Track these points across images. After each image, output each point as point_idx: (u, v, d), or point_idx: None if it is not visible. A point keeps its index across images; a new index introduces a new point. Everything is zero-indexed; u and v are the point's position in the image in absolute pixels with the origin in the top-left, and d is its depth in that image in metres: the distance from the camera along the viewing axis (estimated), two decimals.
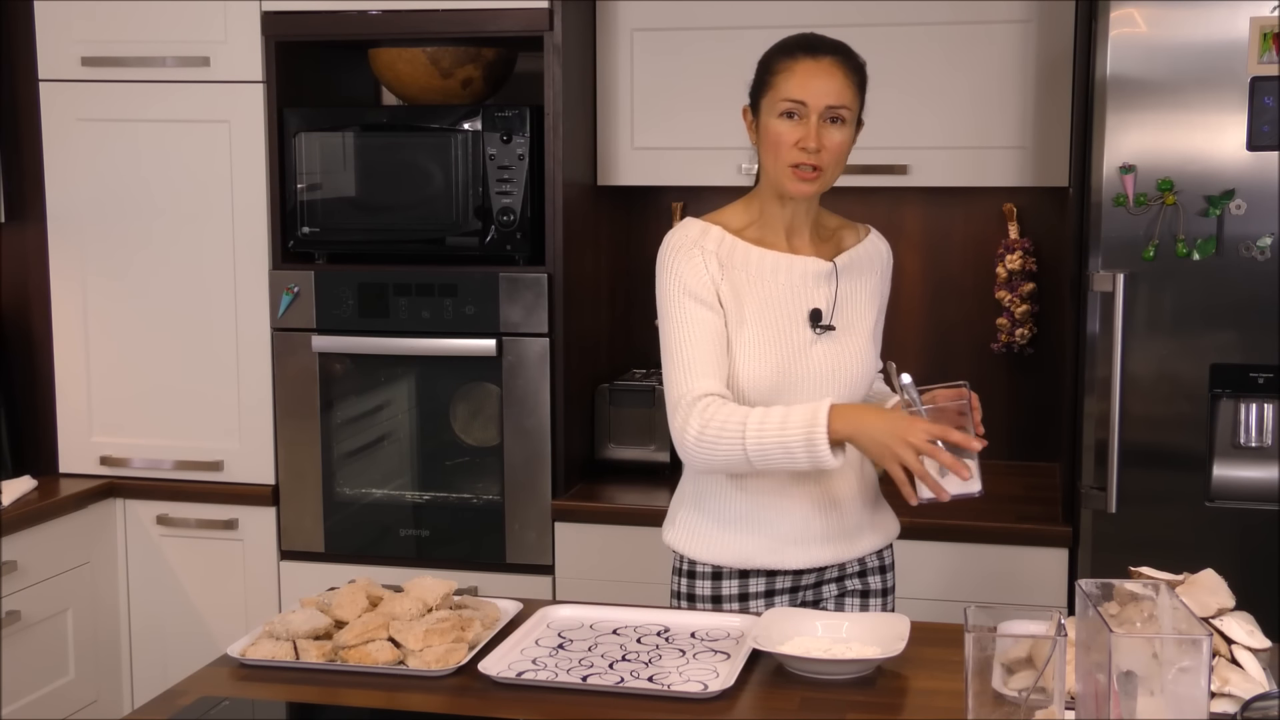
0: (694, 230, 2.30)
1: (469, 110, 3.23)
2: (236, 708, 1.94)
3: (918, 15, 3.22)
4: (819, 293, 2.30)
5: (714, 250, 2.27)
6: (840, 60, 2.24)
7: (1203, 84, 2.71)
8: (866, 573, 2.40)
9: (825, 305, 2.30)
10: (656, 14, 3.35)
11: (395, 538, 3.34)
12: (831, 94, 2.21)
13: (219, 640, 3.30)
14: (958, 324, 3.57)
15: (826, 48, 2.25)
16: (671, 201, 3.63)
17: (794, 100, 2.21)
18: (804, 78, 2.22)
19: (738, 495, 2.31)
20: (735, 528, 2.32)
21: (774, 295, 2.28)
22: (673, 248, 2.29)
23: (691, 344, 2.24)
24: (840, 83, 2.23)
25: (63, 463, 3.53)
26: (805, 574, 2.35)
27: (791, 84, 2.22)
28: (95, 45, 3.37)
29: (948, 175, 3.28)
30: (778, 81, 2.23)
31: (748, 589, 2.34)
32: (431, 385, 3.35)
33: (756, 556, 2.31)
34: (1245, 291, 2.73)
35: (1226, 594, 1.89)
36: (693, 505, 2.38)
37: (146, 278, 3.43)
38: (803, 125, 2.22)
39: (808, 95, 2.21)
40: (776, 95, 2.23)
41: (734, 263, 2.27)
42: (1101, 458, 2.81)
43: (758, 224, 2.33)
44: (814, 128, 2.21)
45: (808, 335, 2.28)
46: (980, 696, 1.64)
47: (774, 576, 2.34)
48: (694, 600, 2.36)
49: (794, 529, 2.31)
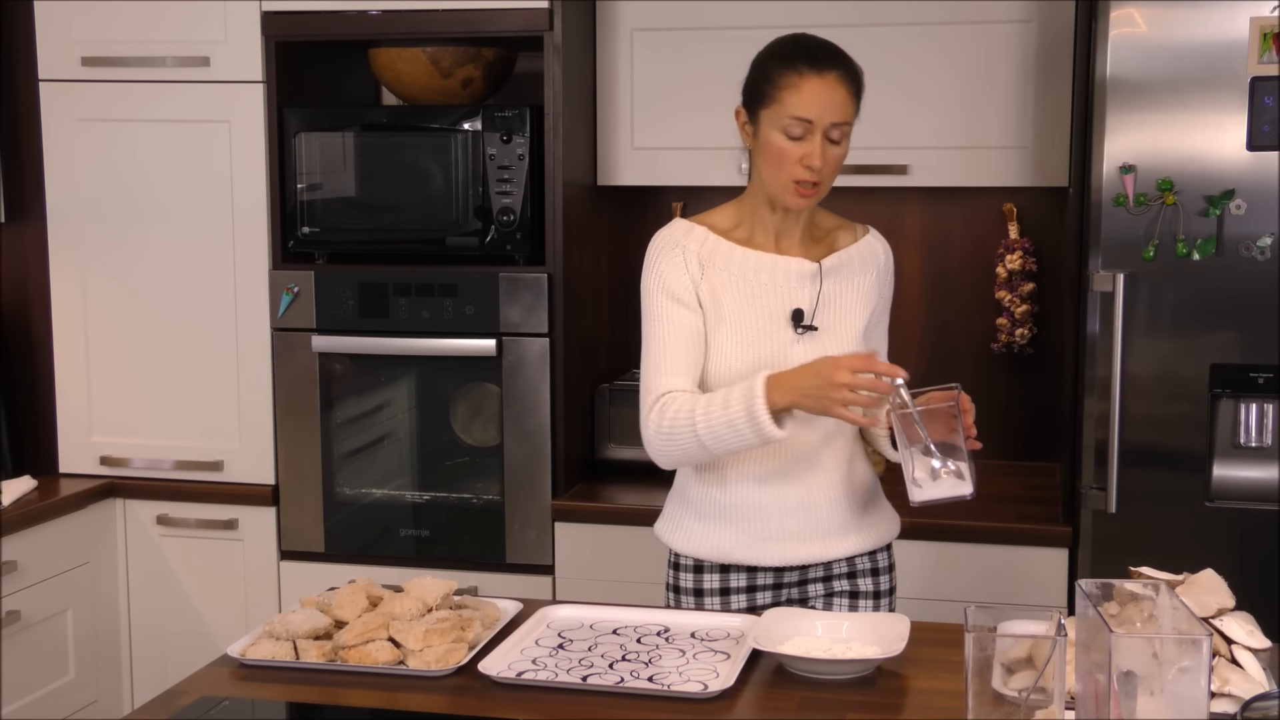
0: (678, 230, 2.34)
1: (469, 110, 3.23)
2: (236, 708, 1.94)
3: (917, 15, 3.22)
4: (802, 293, 2.31)
5: (696, 250, 2.30)
6: (843, 74, 2.23)
7: (1203, 84, 2.71)
8: (856, 574, 2.39)
9: (808, 306, 2.30)
10: (656, 14, 3.35)
11: (395, 538, 3.35)
12: (837, 111, 2.21)
13: (219, 640, 3.30)
14: (958, 324, 3.57)
15: (828, 59, 2.23)
16: (671, 201, 3.63)
17: (801, 119, 2.20)
18: (810, 96, 2.20)
19: (718, 490, 2.34)
20: (714, 522, 2.35)
21: (755, 295, 2.29)
22: (656, 247, 2.34)
23: (663, 342, 2.30)
24: (844, 99, 2.22)
25: (63, 463, 3.53)
26: (786, 571, 2.36)
27: (798, 102, 2.20)
28: (95, 45, 3.37)
29: (948, 175, 3.27)
30: (783, 97, 2.21)
31: (729, 583, 2.36)
32: (431, 385, 3.35)
33: (733, 551, 2.33)
34: (1245, 291, 2.73)
35: (1226, 594, 1.89)
36: (679, 498, 2.42)
37: (146, 278, 3.43)
38: (807, 143, 2.21)
39: (814, 114, 2.20)
40: (782, 111, 2.21)
41: (715, 262, 2.30)
42: (1101, 458, 2.81)
43: (747, 224, 2.34)
44: (819, 146, 2.21)
45: (789, 335, 2.29)
46: (980, 696, 1.64)
47: (754, 572, 2.35)
48: (679, 593, 2.39)
49: (768, 526, 2.32)
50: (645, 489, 3.29)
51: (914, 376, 3.34)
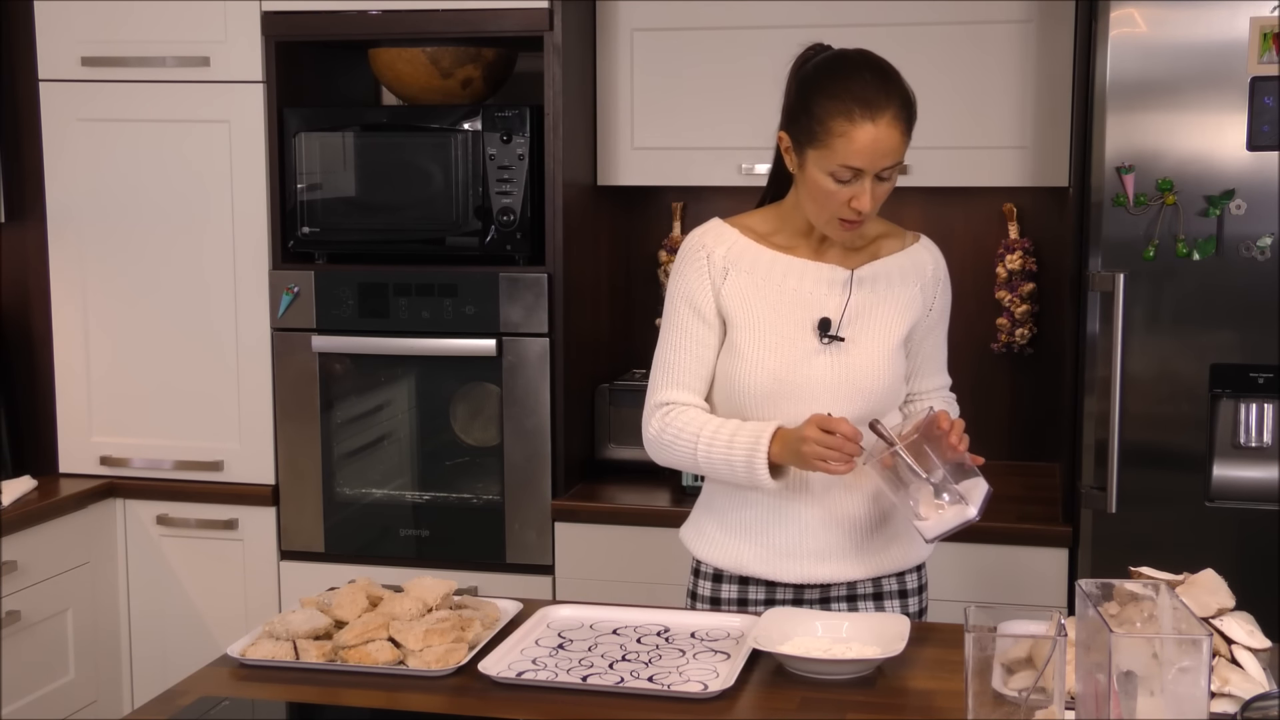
0: (709, 232, 2.28)
1: (469, 110, 3.23)
2: (236, 708, 1.94)
3: (918, 15, 3.22)
4: (831, 301, 2.24)
5: (722, 254, 2.25)
6: (896, 112, 2.10)
7: (1203, 84, 2.71)
8: (883, 595, 2.33)
9: (836, 315, 2.23)
10: (656, 14, 3.35)
11: (395, 538, 3.35)
12: (890, 155, 2.11)
13: (219, 640, 3.31)
14: (958, 324, 3.52)
15: (882, 96, 2.09)
16: (671, 201, 3.63)
17: (851, 168, 2.10)
18: (864, 146, 2.08)
19: (743, 503, 2.30)
20: (735, 533, 2.31)
21: (782, 300, 2.24)
22: (685, 250, 2.30)
23: (675, 350, 2.28)
24: (897, 141, 2.11)
25: (63, 463, 3.53)
26: (807, 589, 2.31)
27: (849, 152, 2.09)
28: (95, 45, 3.37)
29: (948, 175, 3.27)
30: (834, 144, 2.09)
31: (747, 595, 2.33)
32: (431, 385, 3.35)
33: (750, 564, 2.30)
34: (1245, 291, 2.73)
35: (1226, 594, 1.89)
36: (705, 506, 2.39)
37: (146, 278, 3.43)
38: (856, 185, 2.12)
39: (866, 163, 2.10)
40: (832, 159, 2.10)
41: (742, 265, 2.25)
42: (1101, 458, 2.81)
43: (786, 230, 2.28)
44: (868, 189, 2.12)
45: (813, 344, 2.22)
46: (980, 696, 1.64)
47: (773, 587, 2.31)
48: (696, 599, 2.37)
49: (789, 542, 2.27)
50: (645, 489, 3.29)
51: None
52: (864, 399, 2.22)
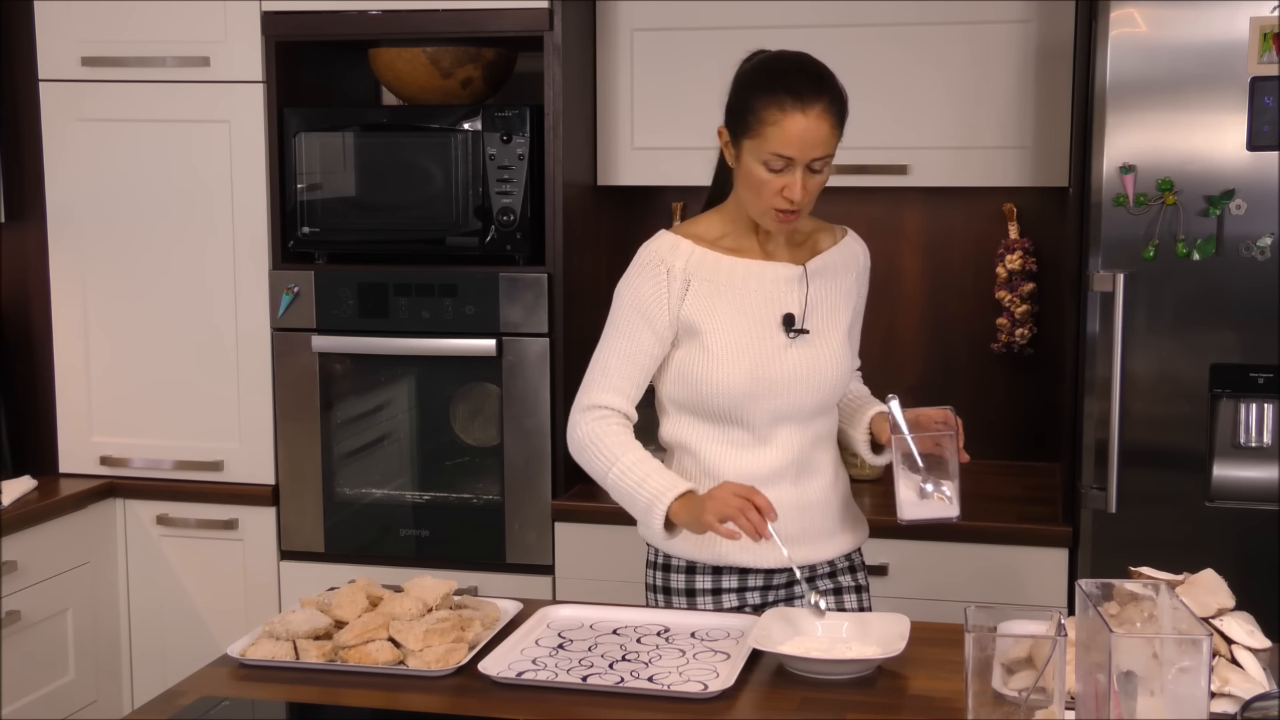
0: (665, 246, 2.34)
1: (469, 110, 3.23)
2: (236, 708, 1.94)
3: (917, 15, 3.22)
4: (791, 297, 2.33)
5: (682, 268, 2.31)
6: (826, 105, 2.20)
7: (1203, 84, 2.70)
8: (836, 572, 2.43)
9: (797, 309, 2.32)
10: (656, 14, 3.35)
11: (395, 538, 3.35)
12: (819, 146, 2.20)
13: (219, 640, 3.31)
14: (958, 324, 3.57)
15: (812, 89, 2.19)
16: (671, 201, 3.63)
17: (783, 156, 2.20)
18: (793, 134, 2.18)
19: None
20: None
21: (746, 302, 2.31)
22: (641, 261, 2.35)
23: (616, 355, 2.34)
24: (827, 133, 2.20)
25: (63, 463, 3.53)
26: (776, 573, 2.38)
27: (780, 139, 2.18)
28: (95, 45, 3.37)
29: (948, 175, 3.27)
30: (766, 133, 2.19)
31: (720, 584, 2.37)
32: (431, 385, 3.35)
33: (730, 554, 2.34)
34: (1245, 291, 2.73)
35: (1226, 594, 1.89)
36: None
37: (147, 277, 3.43)
38: (788, 175, 2.21)
39: (796, 152, 2.19)
40: (764, 147, 2.19)
41: (703, 274, 2.31)
42: (1101, 458, 2.81)
43: (734, 233, 2.35)
44: (799, 180, 2.20)
45: (781, 340, 2.31)
46: (980, 696, 1.64)
47: (746, 574, 2.37)
48: (669, 594, 2.40)
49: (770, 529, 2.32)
50: None
51: (914, 377, 3.35)
52: (830, 388, 2.35)
